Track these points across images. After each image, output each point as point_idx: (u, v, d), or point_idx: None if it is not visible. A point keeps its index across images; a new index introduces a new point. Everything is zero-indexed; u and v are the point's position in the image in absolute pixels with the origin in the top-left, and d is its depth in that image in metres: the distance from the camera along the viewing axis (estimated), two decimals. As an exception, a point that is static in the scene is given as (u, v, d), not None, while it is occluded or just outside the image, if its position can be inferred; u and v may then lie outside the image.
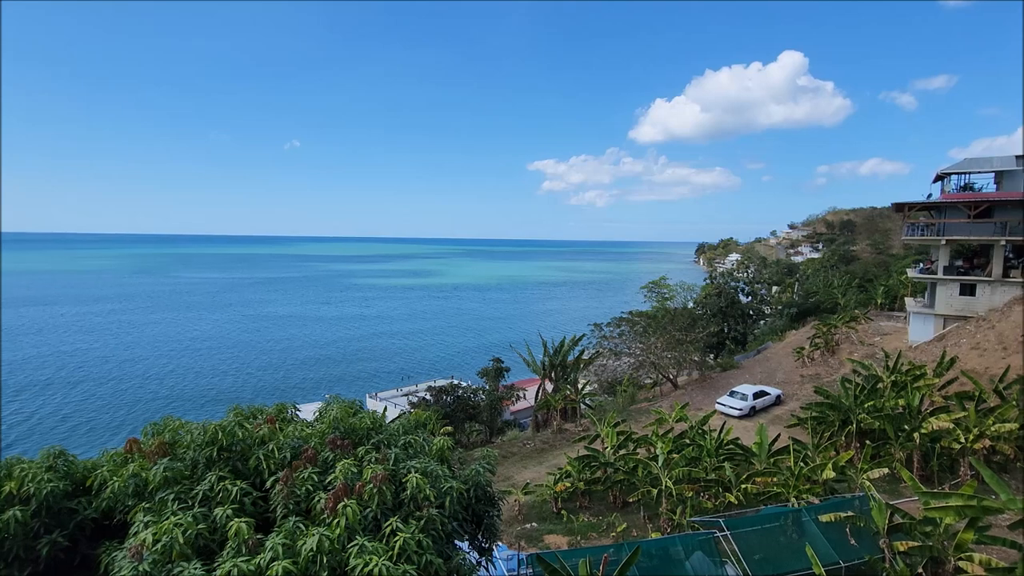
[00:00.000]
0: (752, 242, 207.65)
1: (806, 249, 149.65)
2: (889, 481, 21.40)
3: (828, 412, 24.96)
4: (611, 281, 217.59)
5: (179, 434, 9.21)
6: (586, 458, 22.70)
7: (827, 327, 43.50)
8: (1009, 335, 29.27)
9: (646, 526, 19.90)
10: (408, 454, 9.37)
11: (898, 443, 21.97)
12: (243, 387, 62.97)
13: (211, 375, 68.08)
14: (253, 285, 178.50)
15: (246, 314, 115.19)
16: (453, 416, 35.31)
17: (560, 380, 40.99)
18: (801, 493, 17.98)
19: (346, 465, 8.17)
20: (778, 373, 41.69)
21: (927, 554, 13.14)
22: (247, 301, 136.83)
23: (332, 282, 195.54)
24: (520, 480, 25.49)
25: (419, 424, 11.36)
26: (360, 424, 10.08)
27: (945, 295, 37.27)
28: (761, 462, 20.63)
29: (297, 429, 9.74)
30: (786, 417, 30.09)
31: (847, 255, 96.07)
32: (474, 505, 9.69)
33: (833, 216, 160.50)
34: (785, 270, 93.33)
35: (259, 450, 8.77)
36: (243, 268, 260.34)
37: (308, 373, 70.11)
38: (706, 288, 64.52)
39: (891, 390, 25.21)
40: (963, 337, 32.48)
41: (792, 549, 14.47)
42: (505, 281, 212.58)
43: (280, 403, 11.10)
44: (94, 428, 49.91)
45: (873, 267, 75.75)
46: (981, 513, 12.22)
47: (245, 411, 10.02)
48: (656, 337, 43.36)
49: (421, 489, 7.97)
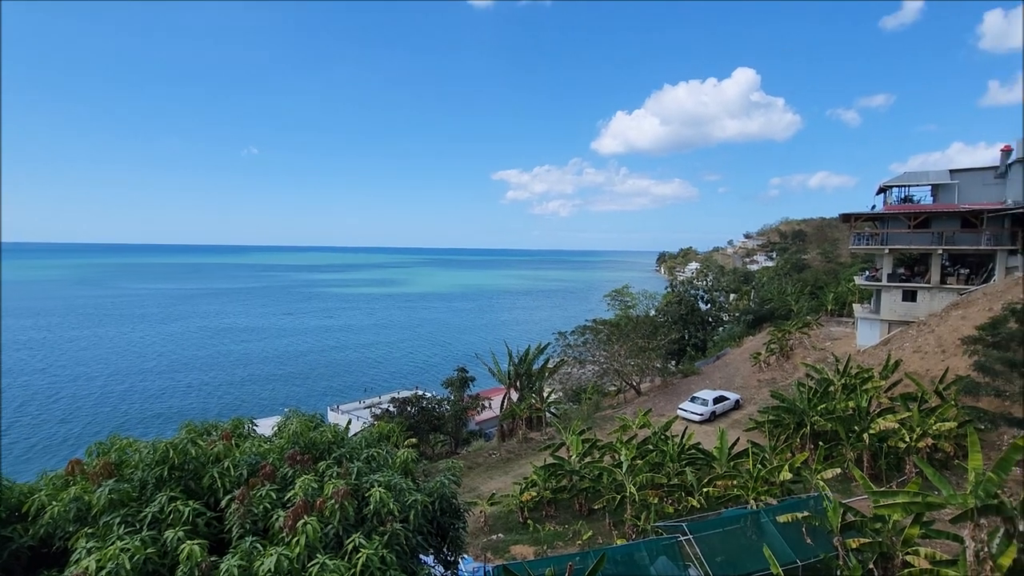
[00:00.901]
0: (710, 251, 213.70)
1: (761, 258, 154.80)
2: (841, 480, 22.23)
3: (784, 415, 25.82)
4: (575, 289, 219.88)
5: (126, 453, 8.77)
6: (552, 467, 22.75)
7: (782, 333, 45.09)
8: (947, 338, 30.97)
9: (611, 533, 20.04)
10: (371, 468, 9.18)
11: (849, 443, 22.90)
12: (198, 404, 60.42)
13: (163, 392, 65.07)
14: (207, 296, 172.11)
15: (201, 327, 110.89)
16: (417, 428, 34.81)
17: (525, 389, 41.00)
18: (760, 495, 18.48)
19: (306, 481, 7.94)
20: (737, 378, 42.88)
21: (877, 550, 13.67)
22: (201, 313, 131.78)
23: (292, 292, 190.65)
24: (486, 491, 25.30)
25: (382, 436, 11.15)
26: (321, 438, 9.82)
27: (889, 301, 39.25)
28: (721, 466, 21.11)
29: (254, 445, 9.41)
30: (745, 421, 30.92)
31: (799, 263, 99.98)
32: (439, 518, 9.55)
33: (785, 226, 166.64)
34: (742, 278, 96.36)
35: (213, 468, 8.42)
36: (196, 278, 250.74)
37: (267, 387, 67.91)
38: (667, 296, 65.96)
39: (842, 393, 26.30)
40: (906, 341, 34.20)
41: (752, 550, 14.83)
42: (470, 290, 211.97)
43: (236, 418, 10.71)
44: (32, 450, 46.90)
45: (823, 275, 79.02)
46: (925, 509, 12.82)
47: (199, 427, 9.62)
48: (619, 345, 43.97)
49: (385, 503, 7.81)
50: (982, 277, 36.71)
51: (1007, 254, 35.26)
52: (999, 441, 23.30)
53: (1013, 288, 31.51)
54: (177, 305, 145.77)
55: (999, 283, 34.11)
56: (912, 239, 38.66)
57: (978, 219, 36.28)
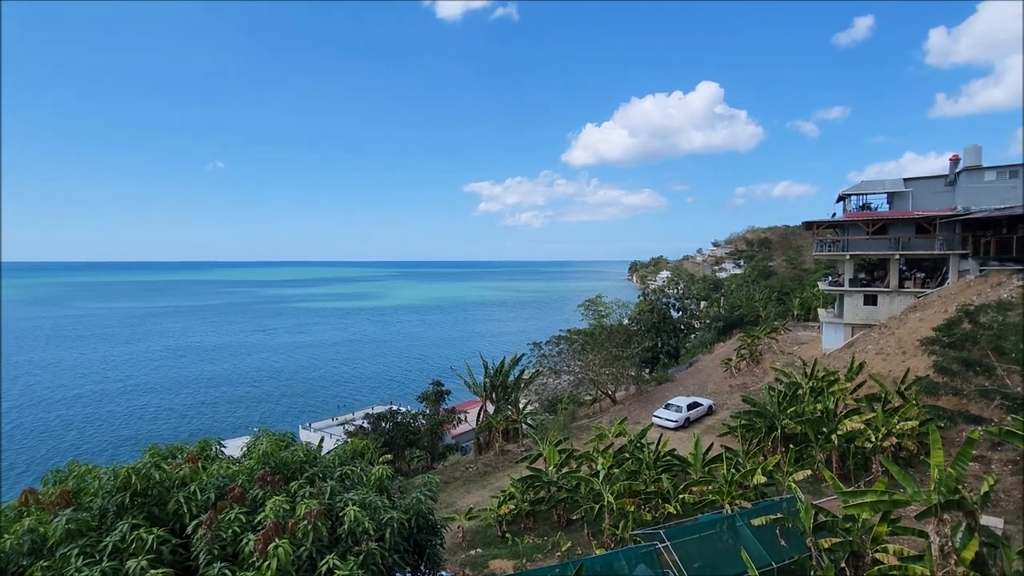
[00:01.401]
0: (681, 260, 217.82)
1: (729, 265, 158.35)
2: (812, 482, 22.71)
3: (755, 419, 26.31)
4: (549, 300, 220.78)
5: (85, 481, 8.39)
6: (529, 478, 22.64)
7: (751, 339, 46.10)
8: (907, 340, 32.13)
9: (590, 543, 20.00)
10: (345, 486, 8.99)
11: (818, 445, 23.43)
12: (164, 427, 58.29)
13: (127, 415, 62.60)
14: (172, 314, 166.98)
15: (166, 347, 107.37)
16: (393, 443, 34.30)
17: (501, 401, 40.86)
18: (735, 499, 18.72)
19: (277, 502, 7.73)
20: (709, 384, 43.57)
21: (848, 549, 13.98)
22: (166, 332, 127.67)
23: (262, 309, 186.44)
24: (463, 505, 25.00)
25: (356, 454, 10.95)
26: (292, 457, 9.58)
27: (851, 305, 40.58)
28: (697, 471, 21.35)
29: (222, 467, 9.12)
30: (718, 426, 31.39)
31: (766, 270, 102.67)
32: (416, 535, 9.39)
33: (752, 234, 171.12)
34: (711, 286, 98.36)
35: (179, 492, 8.12)
36: (160, 296, 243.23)
37: (236, 407, 66.02)
38: (640, 305, 66.81)
39: (810, 396, 26.94)
40: (869, 343, 35.34)
41: (728, 554, 14.98)
42: (444, 302, 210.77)
43: (203, 440, 10.39)
44: (-17, 480, 44.49)
45: (789, 281, 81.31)
46: (892, 506, 13.18)
47: (163, 451, 9.30)
48: (594, 354, 44.26)
49: (359, 522, 7.65)
50: (937, 280, 38.30)
51: (959, 258, 36.90)
52: (959, 438, 24.16)
53: (966, 290, 32.95)
54: (140, 324, 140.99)
55: (952, 286, 35.64)
56: (871, 245, 40.15)
57: (931, 225, 37.93)
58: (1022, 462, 20.40)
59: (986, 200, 36.69)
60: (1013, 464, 20.76)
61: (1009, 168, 36.93)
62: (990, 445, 21.85)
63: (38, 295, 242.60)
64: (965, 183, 37.96)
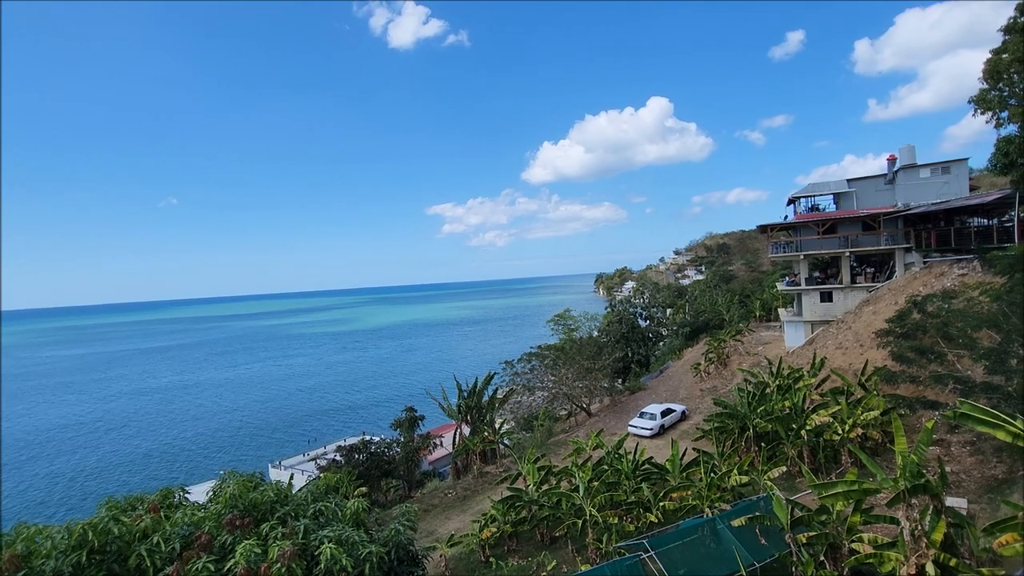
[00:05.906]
0: (644, 269, 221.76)
1: (692, 272, 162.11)
2: (786, 478, 23.18)
3: (727, 421, 26.77)
4: (518, 316, 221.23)
5: (36, 542, 7.85)
6: (510, 499, 22.34)
7: (718, 342, 47.09)
8: (863, 333, 33.43)
9: (575, 559, 19.79)
10: (319, 523, 8.68)
11: (789, 441, 23.98)
12: (123, 476, 55.26)
13: (82, 469, 59.17)
14: (130, 357, 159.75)
15: (124, 391, 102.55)
16: (367, 474, 33.41)
17: (477, 422, 40.38)
18: (714, 502, 18.90)
19: (248, 546, 7.39)
20: (681, 390, 44.17)
21: (825, 541, 14.27)
22: (125, 376, 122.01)
23: (226, 344, 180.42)
24: (444, 532, 24.45)
25: (330, 488, 10.63)
26: (262, 498, 9.21)
27: (809, 303, 42.05)
28: (675, 478, 21.51)
29: (187, 514, 8.69)
30: (692, 431, 31.76)
31: (727, 275, 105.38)
32: (396, 568, 9.12)
33: (711, 240, 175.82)
34: (676, 293, 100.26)
35: (140, 545, 7.68)
36: (115, 340, 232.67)
37: (200, 449, 63.37)
38: (607, 316, 67.50)
39: (777, 393, 27.62)
40: (828, 339, 36.60)
41: (712, 557, 15.08)
42: (414, 326, 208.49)
43: (166, 487, 9.90)
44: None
45: (749, 283, 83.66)
46: (863, 495, 13.56)
47: (121, 503, 8.80)
48: (566, 368, 44.35)
49: (336, 560, 7.38)
50: (886, 274, 40.12)
51: (904, 251, 38.81)
52: (919, 424, 25.16)
53: (912, 282, 34.61)
54: (94, 371, 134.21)
55: (900, 278, 37.40)
56: (822, 244, 41.84)
57: (876, 222, 39.83)
58: (978, 443, 21.34)
59: (923, 196, 38.86)
60: (971, 445, 21.69)
61: (941, 165, 39.27)
62: (948, 428, 22.77)
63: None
64: (903, 181, 40.11)
